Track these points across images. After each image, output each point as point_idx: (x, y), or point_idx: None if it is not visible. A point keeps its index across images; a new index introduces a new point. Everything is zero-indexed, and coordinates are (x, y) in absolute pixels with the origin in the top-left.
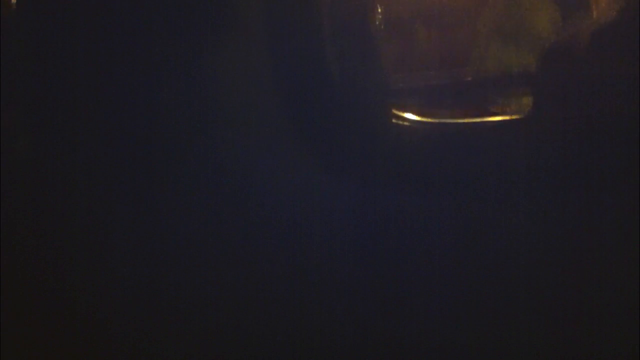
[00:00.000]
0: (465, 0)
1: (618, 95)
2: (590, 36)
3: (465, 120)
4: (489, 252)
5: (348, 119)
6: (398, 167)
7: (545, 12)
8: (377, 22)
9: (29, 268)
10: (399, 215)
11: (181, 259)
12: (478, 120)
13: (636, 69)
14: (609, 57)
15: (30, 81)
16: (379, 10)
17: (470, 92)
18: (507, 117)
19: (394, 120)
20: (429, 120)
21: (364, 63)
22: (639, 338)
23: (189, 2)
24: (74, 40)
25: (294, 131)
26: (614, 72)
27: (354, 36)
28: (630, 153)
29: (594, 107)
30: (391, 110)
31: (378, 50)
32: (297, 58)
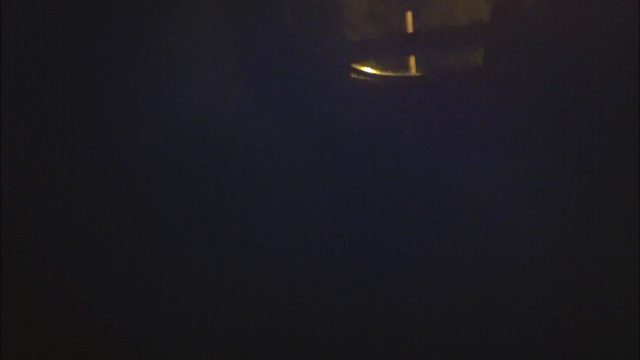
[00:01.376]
0: None
1: None
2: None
3: None
4: None
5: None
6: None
7: None
8: None
9: (29, 268)
10: None
11: (181, 259)
12: None
13: None
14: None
15: (30, 81)
16: None
17: None
18: None
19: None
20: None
21: None
22: (639, 338)
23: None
24: (74, 40)
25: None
26: None
27: None
28: None
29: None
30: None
31: None
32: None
